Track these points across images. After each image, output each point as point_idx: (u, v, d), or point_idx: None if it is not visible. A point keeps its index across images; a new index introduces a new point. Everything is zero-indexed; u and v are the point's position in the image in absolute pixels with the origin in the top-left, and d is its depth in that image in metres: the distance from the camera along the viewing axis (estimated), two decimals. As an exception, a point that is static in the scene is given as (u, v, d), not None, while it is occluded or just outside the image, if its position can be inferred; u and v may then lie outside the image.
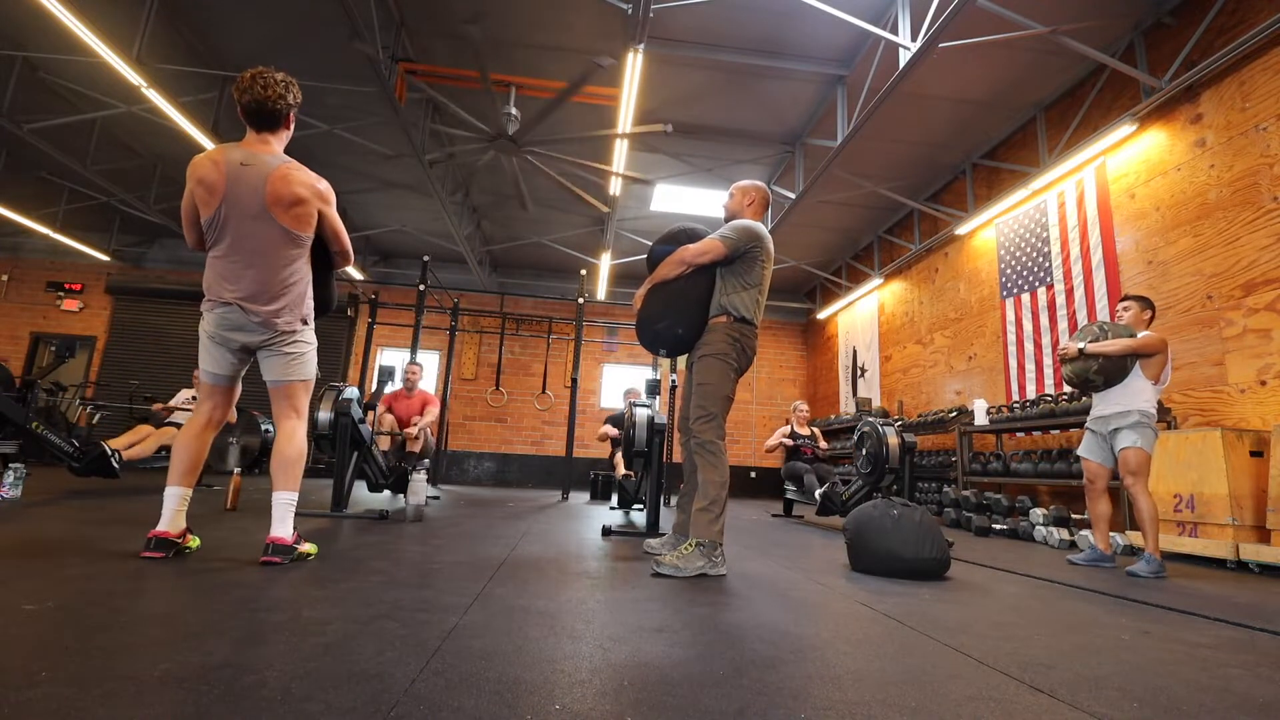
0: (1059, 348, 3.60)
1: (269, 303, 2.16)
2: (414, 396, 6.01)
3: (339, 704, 0.95)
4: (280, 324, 2.19)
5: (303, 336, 2.27)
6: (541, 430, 11.03)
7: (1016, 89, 5.83)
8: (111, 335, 10.38)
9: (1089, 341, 3.40)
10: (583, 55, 5.52)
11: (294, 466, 2.22)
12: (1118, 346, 3.30)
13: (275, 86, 2.18)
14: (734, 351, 2.65)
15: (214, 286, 2.16)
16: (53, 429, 4.09)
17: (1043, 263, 5.98)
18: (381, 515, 3.75)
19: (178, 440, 2.23)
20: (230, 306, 2.14)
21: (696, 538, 2.43)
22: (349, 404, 3.91)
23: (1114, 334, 3.38)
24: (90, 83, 6.31)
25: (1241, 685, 1.33)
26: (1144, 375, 3.34)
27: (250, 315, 2.15)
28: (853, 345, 10.00)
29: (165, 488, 2.13)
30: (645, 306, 2.77)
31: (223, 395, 2.30)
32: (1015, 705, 1.13)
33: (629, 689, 1.10)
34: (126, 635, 1.22)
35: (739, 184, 2.95)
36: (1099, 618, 1.99)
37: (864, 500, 4.63)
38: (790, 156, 7.16)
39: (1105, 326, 3.45)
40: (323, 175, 2.32)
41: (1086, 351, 3.36)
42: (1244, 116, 4.23)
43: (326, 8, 4.94)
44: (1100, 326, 3.47)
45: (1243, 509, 3.52)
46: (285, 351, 2.22)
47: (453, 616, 1.53)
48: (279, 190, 2.13)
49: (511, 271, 11.66)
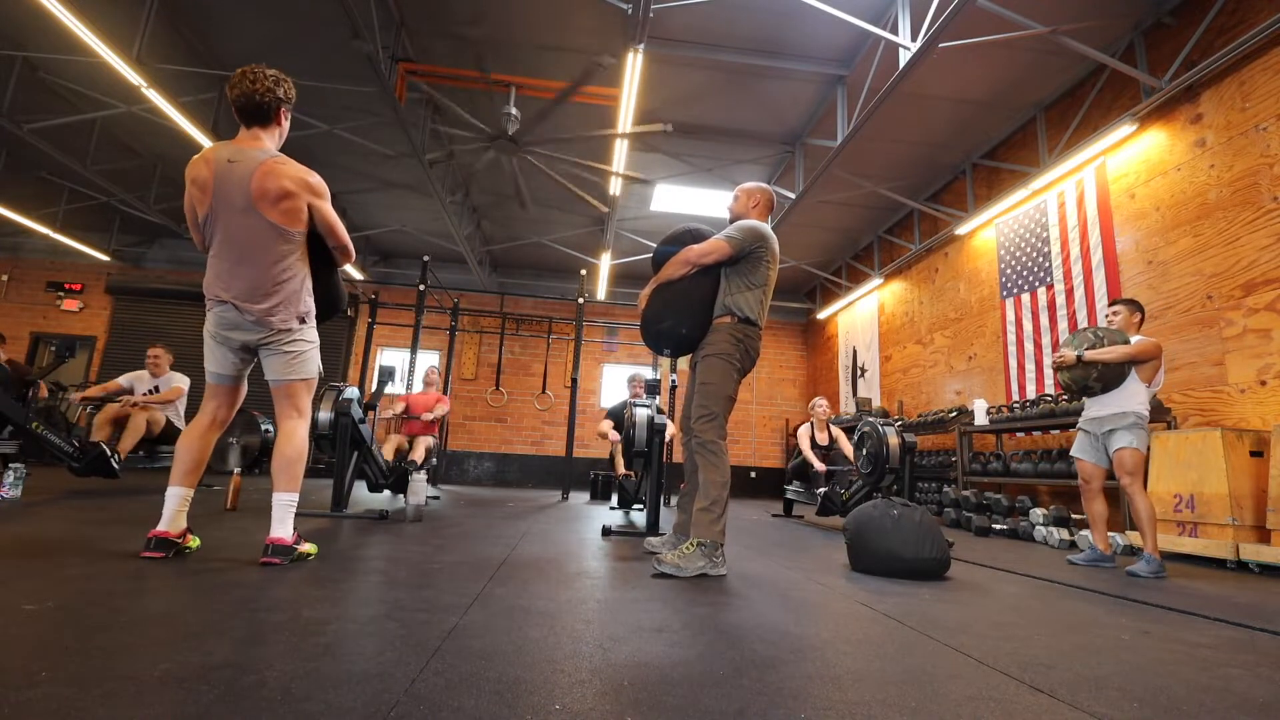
0: (1055, 355, 3.59)
1: (262, 300, 2.15)
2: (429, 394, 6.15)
3: (339, 704, 0.95)
4: (276, 322, 2.18)
5: (302, 335, 2.25)
6: (541, 430, 11.03)
7: (1016, 89, 5.83)
8: (111, 335, 10.38)
9: (1085, 348, 3.41)
10: (583, 55, 5.52)
11: (294, 467, 2.21)
12: (1116, 354, 3.31)
13: (264, 80, 2.17)
14: (737, 352, 2.65)
15: (212, 286, 2.17)
16: (53, 429, 4.09)
17: (1043, 263, 5.98)
18: (381, 515, 3.75)
19: (181, 440, 2.23)
20: (226, 305, 2.14)
21: (698, 538, 2.43)
22: (349, 404, 3.91)
23: (1109, 340, 3.39)
24: (90, 83, 6.31)
25: (1241, 685, 1.33)
26: (1139, 379, 3.37)
27: (245, 314, 2.14)
28: (853, 345, 10.00)
29: (167, 487, 2.14)
30: (649, 306, 2.77)
31: (226, 395, 2.30)
32: (1015, 705, 1.13)
33: (629, 689, 1.10)
34: (126, 635, 1.22)
35: (744, 186, 2.94)
36: (1099, 618, 1.99)
37: (864, 500, 4.63)
38: (790, 156, 7.16)
39: (1099, 332, 3.45)
40: (323, 175, 2.30)
41: (1084, 359, 3.37)
42: (1244, 116, 4.23)
43: (326, 8, 4.94)
44: (1094, 332, 3.47)
45: (1243, 509, 3.52)
46: (285, 350, 2.21)
47: (453, 616, 1.53)
48: (264, 184, 2.11)
49: (511, 271, 11.66)
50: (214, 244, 2.16)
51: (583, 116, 6.34)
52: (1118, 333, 3.43)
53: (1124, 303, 3.61)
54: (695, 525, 2.48)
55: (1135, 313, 3.58)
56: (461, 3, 5.14)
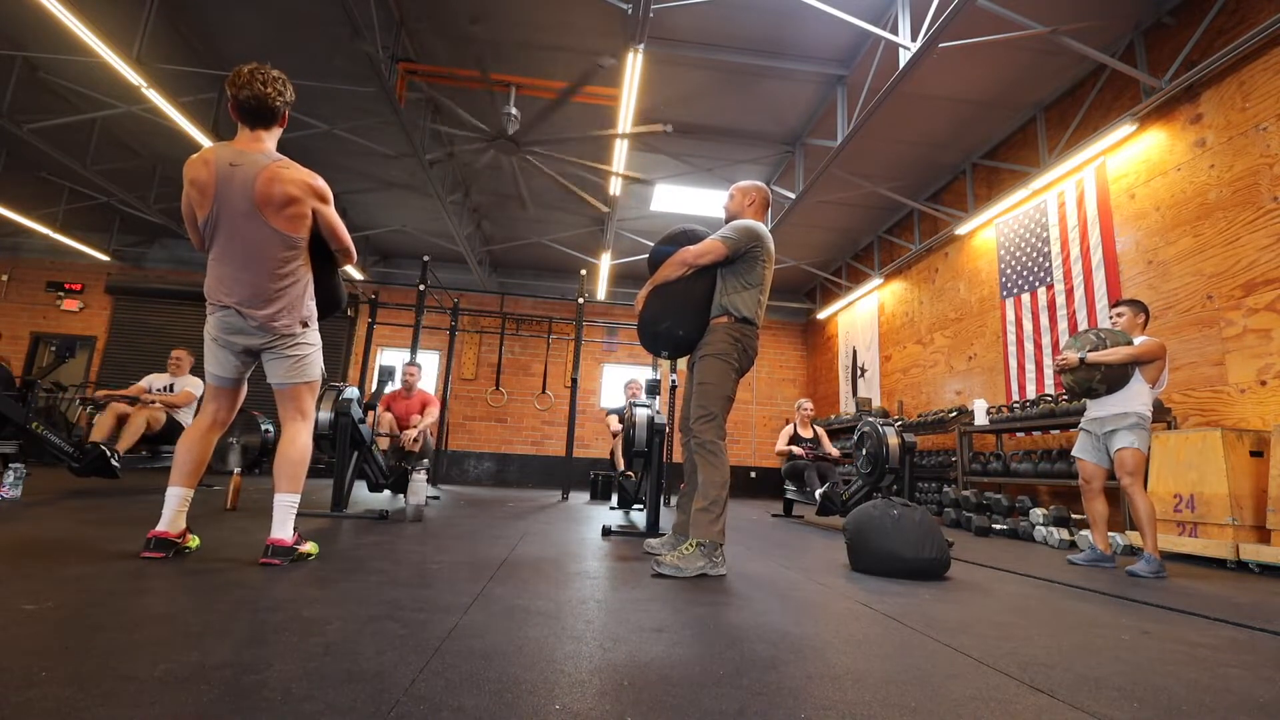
0: (1057, 358, 3.57)
1: (265, 306, 2.14)
2: (413, 397, 5.94)
3: (339, 704, 0.95)
4: (279, 327, 2.17)
5: (305, 338, 2.25)
6: (541, 430, 11.03)
7: (1016, 89, 5.83)
8: (111, 335, 10.38)
9: (1088, 350, 3.40)
10: (583, 55, 5.53)
11: (296, 469, 2.21)
12: (1119, 355, 3.31)
13: (275, 83, 2.15)
14: (735, 352, 2.65)
15: (214, 290, 2.15)
16: (53, 429, 4.09)
17: (1043, 263, 5.98)
18: (381, 515, 3.75)
19: (182, 441, 2.23)
20: (229, 310, 2.13)
21: (697, 538, 2.43)
22: (349, 404, 3.91)
23: (1111, 341, 3.39)
24: (90, 83, 6.30)
25: (1241, 685, 1.33)
26: (1143, 379, 3.36)
27: (248, 320, 2.13)
28: (853, 345, 10.00)
29: (167, 487, 2.13)
30: (646, 308, 2.77)
31: (227, 397, 2.30)
32: (1015, 705, 1.13)
33: (629, 689, 1.10)
34: (126, 635, 1.22)
35: (739, 184, 2.95)
36: (1099, 618, 1.99)
37: (864, 500, 4.63)
38: (790, 156, 7.16)
39: (1101, 334, 3.45)
40: (323, 175, 2.29)
41: (1088, 361, 3.36)
42: (1244, 116, 4.23)
43: (326, 8, 4.94)
44: (1096, 334, 3.47)
45: (1243, 509, 3.52)
46: (288, 354, 2.21)
47: (453, 616, 1.53)
48: (269, 190, 2.08)
49: (511, 271, 11.66)
50: (215, 247, 2.13)
51: (583, 116, 6.34)
52: (1120, 334, 3.43)
53: (1128, 303, 3.61)
54: (694, 525, 2.48)
55: (1139, 313, 3.57)
56: (461, 3, 5.14)
